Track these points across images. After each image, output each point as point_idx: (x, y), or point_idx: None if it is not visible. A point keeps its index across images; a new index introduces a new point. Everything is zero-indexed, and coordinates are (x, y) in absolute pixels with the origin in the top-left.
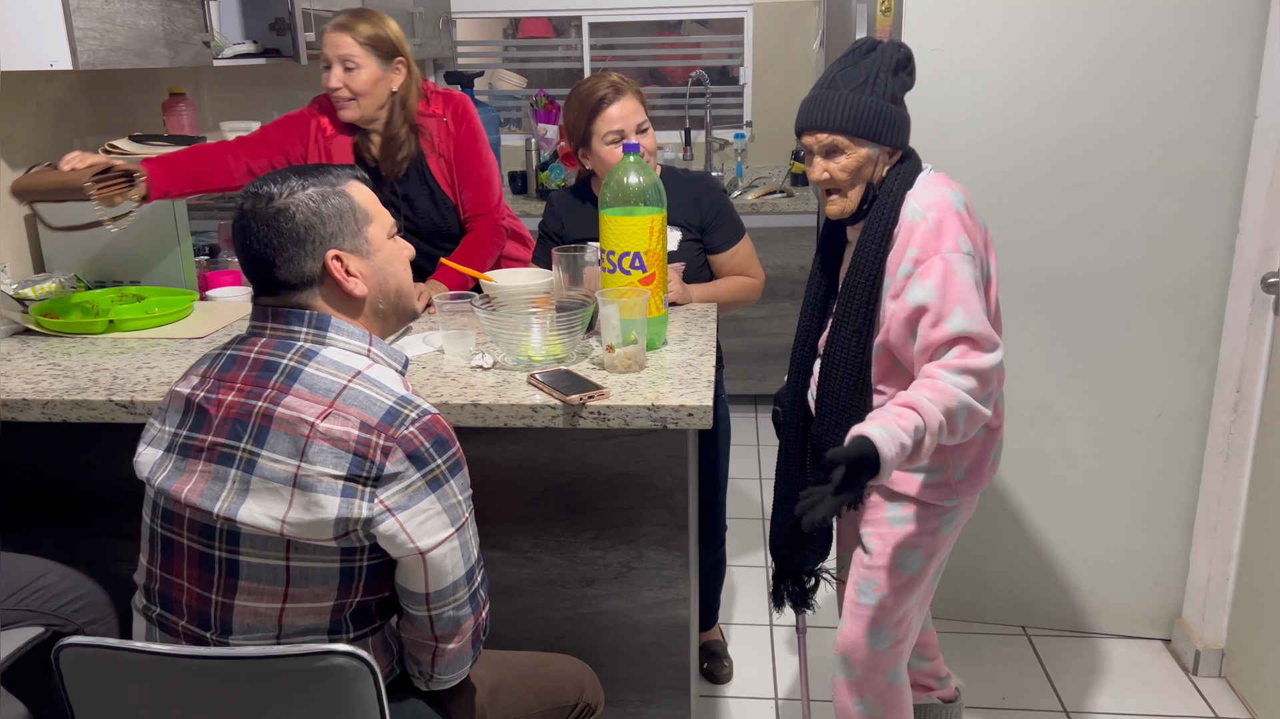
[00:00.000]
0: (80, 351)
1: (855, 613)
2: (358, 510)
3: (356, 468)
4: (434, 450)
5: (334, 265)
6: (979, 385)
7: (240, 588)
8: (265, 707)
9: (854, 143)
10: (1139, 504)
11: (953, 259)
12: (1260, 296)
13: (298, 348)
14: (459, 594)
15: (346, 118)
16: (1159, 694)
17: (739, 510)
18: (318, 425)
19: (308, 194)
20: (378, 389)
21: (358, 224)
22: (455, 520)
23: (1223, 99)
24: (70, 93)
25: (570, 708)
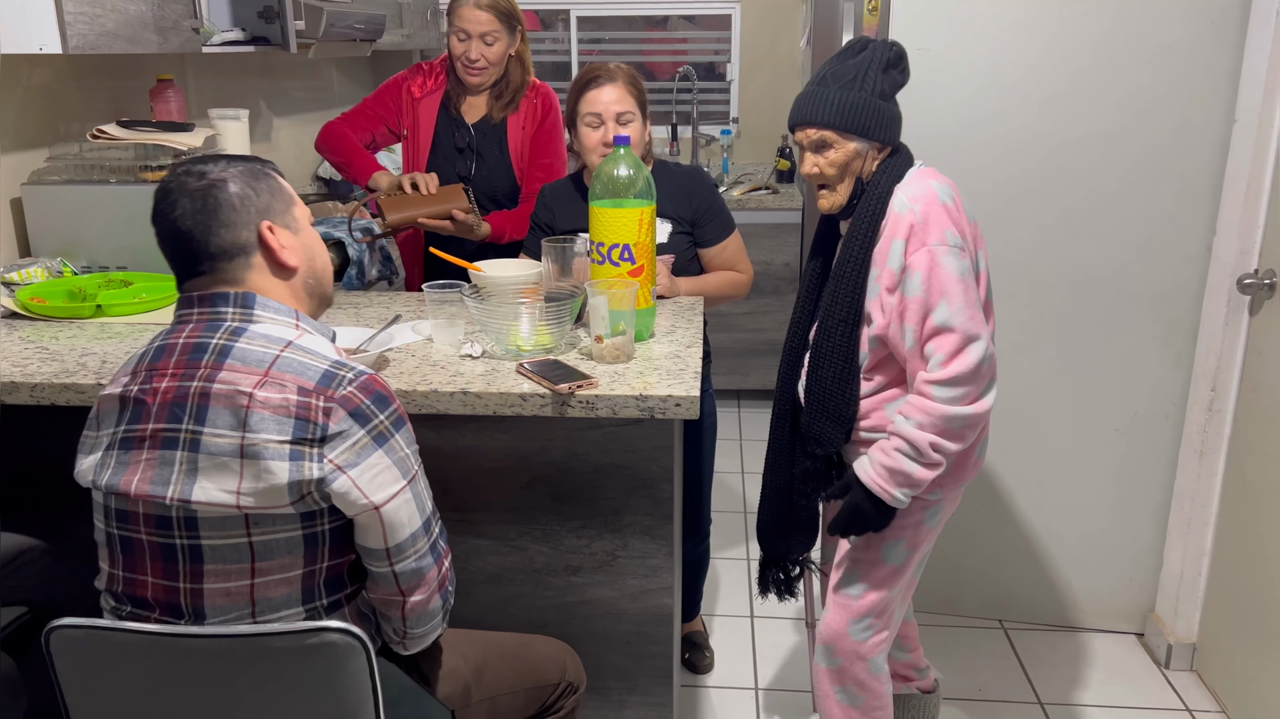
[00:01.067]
0: (68, 336)
1: (839, 603)
2: (308, 472)
3: (301, 431)
4: (375, 407)
5: (268, 234)
6: (971, 388)
7: (207, 572)
8: (258, 685)
9: (842, 138)
10: (1115, 501)
11: (939, 252)
12: (1236, 297)
13: (226, 327)
14: (419, 545)
15: (477, 83)
16: (1132, 687)
17: (722, 504)
18: (255, 395)
19: (238, 170)
20: (311, 355)
21: (286, 204)
22: (406, 473)
23: (1203, 103)
24: (58, 78)
25: (553, 687)
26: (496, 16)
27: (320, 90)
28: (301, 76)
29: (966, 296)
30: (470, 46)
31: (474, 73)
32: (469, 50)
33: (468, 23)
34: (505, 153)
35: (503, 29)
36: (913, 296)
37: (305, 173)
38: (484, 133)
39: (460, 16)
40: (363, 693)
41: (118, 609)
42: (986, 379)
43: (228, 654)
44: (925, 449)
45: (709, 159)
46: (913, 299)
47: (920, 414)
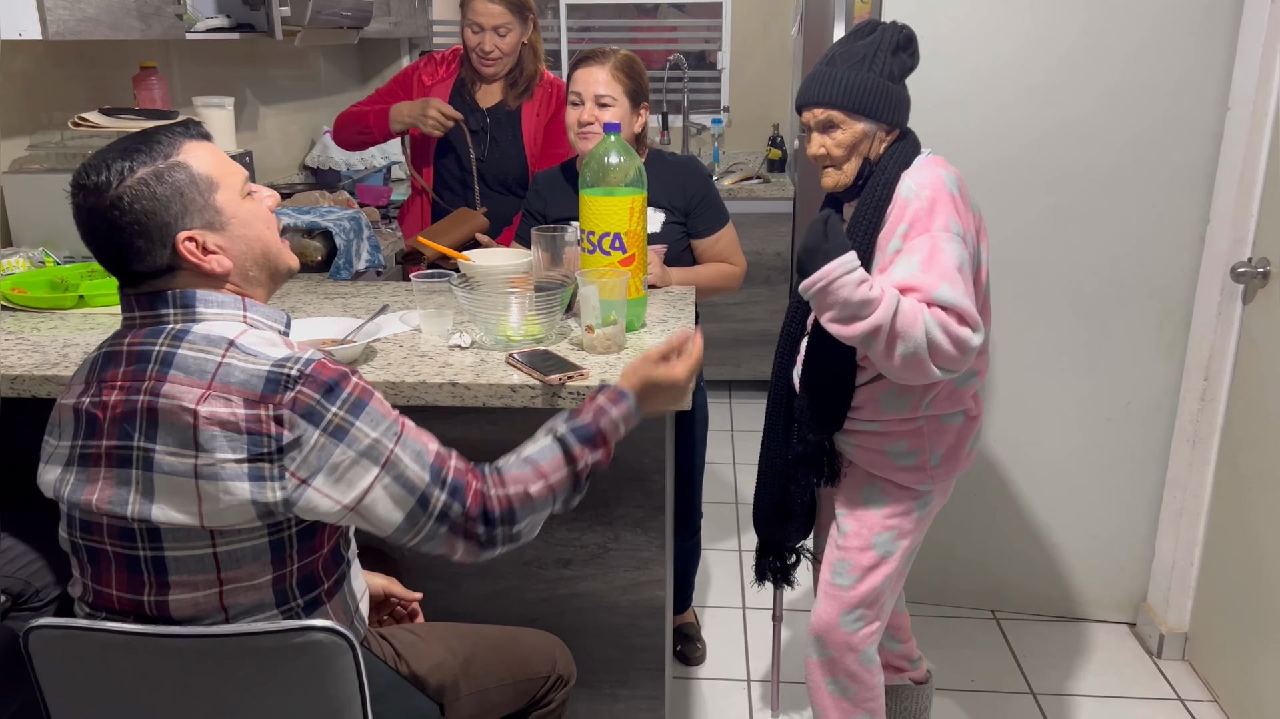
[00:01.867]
0: (49, 327)
1: (829, 593)
2: (271, 492)
3: (256, 446)
4: (325, 400)
5: (187, 249)
6: (951, 347)
7: (172, 583)
8: (243, 684)
9: (850, 118)
10: (1107, 491)
11: (940, 237)
12: (1229, 286)
13: (168, 331)
14: (420, 523)
15: (491, 73)
16: (1124, 677)
17: (713, 495)
18: (200, 411)
19: (138, 178)
20: (252, 358)
21: (203, 196)
22: (378, 458)
23: (1196, 92)
24: (39, 65)
25: (543, 679)
26: (508, 8)
27: (307, 79)
28: (288, 65)
29: (965, 285)
30: (484, 38)
31: (488, 63)
32: (483, 42)
33: (481, 15)
34: (519, 139)
35: (515, 20)
36: (907, 279)
37: (292, 162)
38: (498, 118)
39: (474, 10)
40: (349, 690)
41: (92, 616)
42: (962, 359)
43: (211, 654)
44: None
45: (700, 148)
46: (905, 282)
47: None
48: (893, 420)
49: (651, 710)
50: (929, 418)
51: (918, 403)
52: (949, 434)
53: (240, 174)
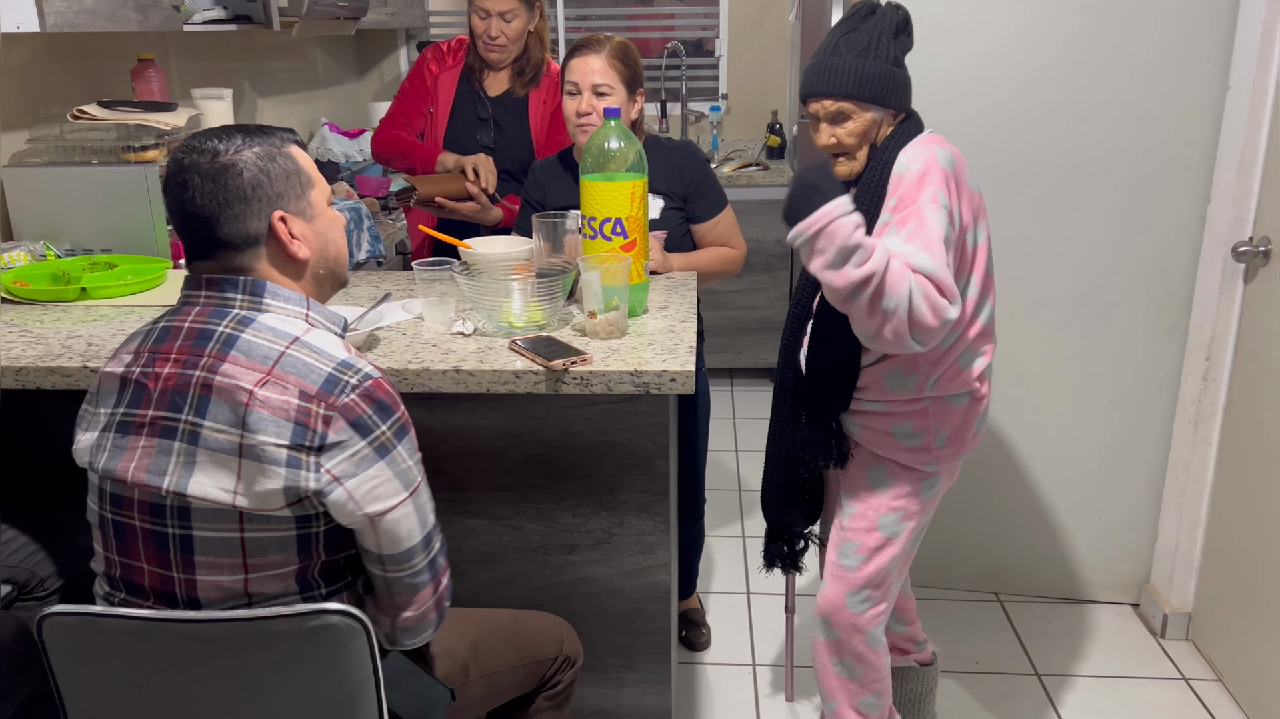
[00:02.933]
0: (53, 319)
1: (835, 575)
2: (304, 481)
3: (299, 437)
4: (377, 417)
5: (279, 226)
6: (929, 314)
7: (198, 563)
8: (258, 669)
9: (860, 108)
10: (1110, 472)
11: (926, 209)
12: (1230, 266)
13: (233, 315)
14: (415, 561)
15: (497, 59)
16: (1128, 657)
17: (717, 482)
18: (256, 393)
19: (254, 152)
20: (316, 355)
21: (302, 187)
22: (408, 485)
23: (1195, 70)
24: (37, 59)
25: (550, 661)
26: None
27: (304, 71)
28: (285, 57)
29: (944, 257)
30: (490, 24)
31: (494, 49)
32: (489, 28)
33: (488, 2)
34: (526, 127)
35: (521, 6)
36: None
37: None
38: (505, 106)
39: None
40: (364, 674)
41: (110, 595)
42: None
43: (226, 639)
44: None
45: (698, 136)
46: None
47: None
48: (898, 401)
49: (658, 694)
50: (934, 399)
51: (923, 383)
52: (954, 415)
53: (327, 186)
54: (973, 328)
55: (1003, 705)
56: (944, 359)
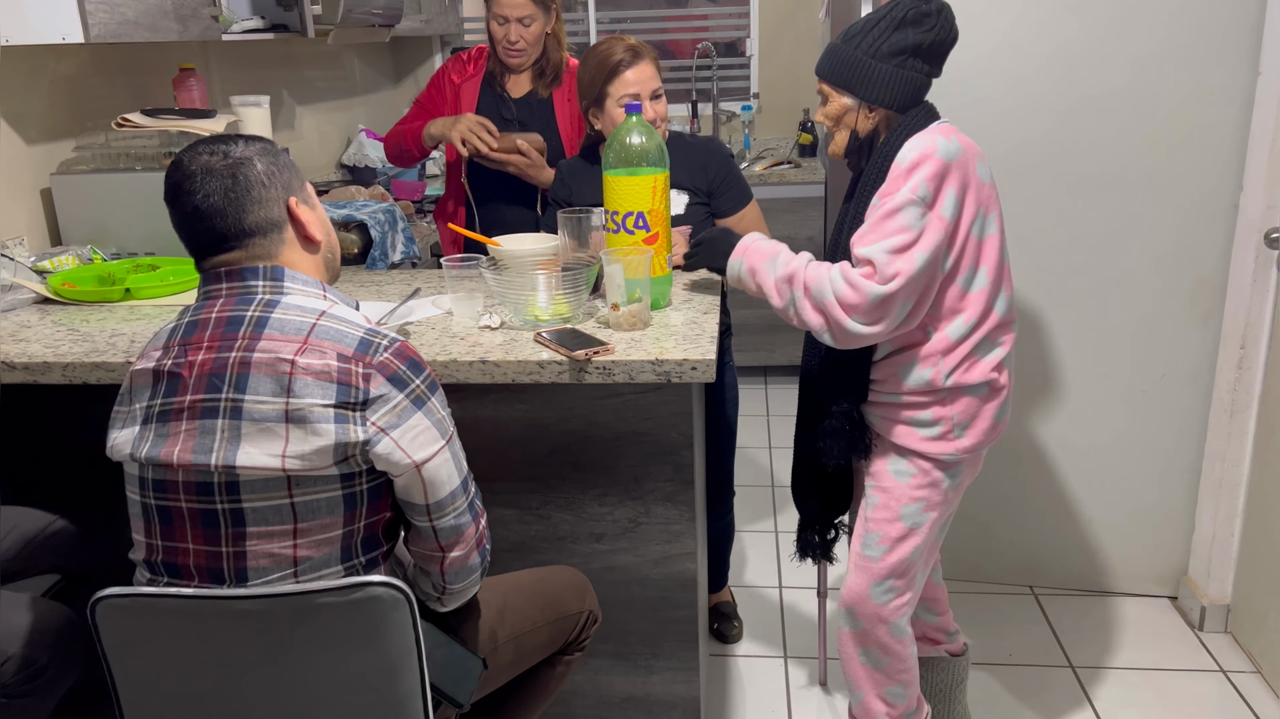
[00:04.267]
0: (98, 318)
1: (859, 565)
2: (354, 434)
3: (344, 395)
4: (410, 372)
5: (297, 209)
6: (855, 300)
7: (249, 534)
8: (304, 642)
9: (835, 91)
10: (1145, 463)
11: (904, 199)
12: (1264, 253)
13: (259, 300)
14: (458, 503)
15: (518, 64)
16: (1165, 650)
17: (750, 478)
18: (297, 361)
19: (257, 149)
20: (346, 323)
21: (300, 180)
22: (444, 433)
23: (1225, 56)
24: (82, 70)
25: (575, 616)
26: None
27: (342, 79)
28: (323, 65)
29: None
30: (509, 30)
31: (514, 54)
32: (508, 33)
33: (505, 8)
34: (553, 126)
35: (538, 10)
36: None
37: (329, 160)
38: (530, 107)
39: (498, 2)
40: (406, 644)
41: (154, 580)
42: (870, 317)
43: (273, 614)
44: (786, 274)
45: (730, 135)
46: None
47: (813, 265)
48: (914, 392)
49: (686, 682)
50: (951, 389)
51: (938, 375)
52: (973, 406)
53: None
54: (988, 320)
55: (1036, 698)
56: (957, 350)
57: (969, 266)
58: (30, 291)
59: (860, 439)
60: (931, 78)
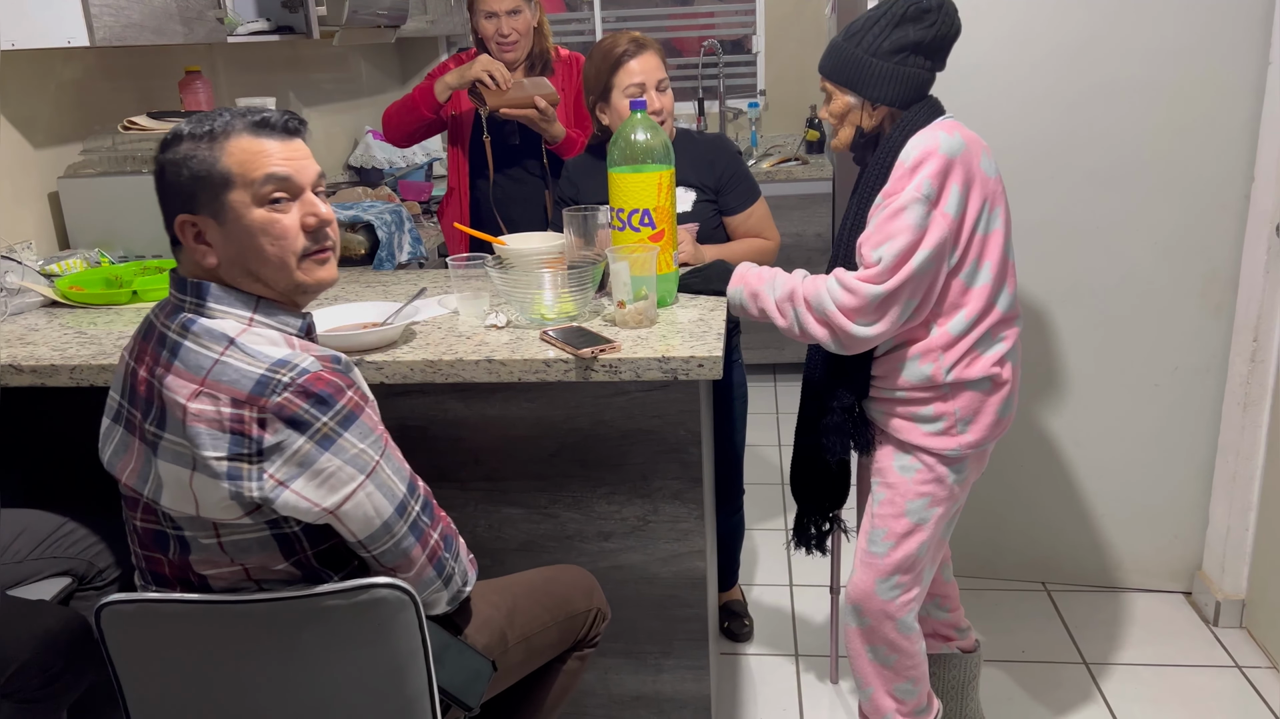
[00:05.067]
0: (106, 321)
1: (865, 561)
2: (249, 491)
3: (236, 446)
4: (315, 410)
5: (180, 230)
6: (854, 303)
7: (193, 562)
8: (310, 645)
9: (837, 89)
10: (1157, 457)
11: (909, 198)
12: (1275, 244)
13: (180, 318)
14: (394, 531)
15: (512, 59)
16: (1180, 646)
17: (760, 476)
18: (189, 408)
19: (180, 151)
20: (249, 359)
21: (216, 189)
22: (363, 468)
23: (1235, 46)
24: (89, 74)
25: (583, 615)
26: None
27: (348, 81)
28: (329, 67)
29: (906, 247)
30: (500, 24)
31: (508, 48)
32: (499, 27)
33: (492, 3)
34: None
35: (523, 1)
36: (868, 229)
37: (336, 162)
38: None
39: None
40: (413, 645)
41: (145, 587)
42: (874, 317)
43: (277, 617)
44: (786, 293)
45: (737, 132)
46: (867, 230)
47: (810, 279)
48: (916, 388)
49: (696, 681)
50: (953, 385)
51: (939, 370)
52: (975, 401)
53: (274, 184)
54: (989, 315)
55: (1049, 694)
56: (958, 345)
57: (972, 262)
58: (38, 295)
59: (862, 434)
60: (934, 73)
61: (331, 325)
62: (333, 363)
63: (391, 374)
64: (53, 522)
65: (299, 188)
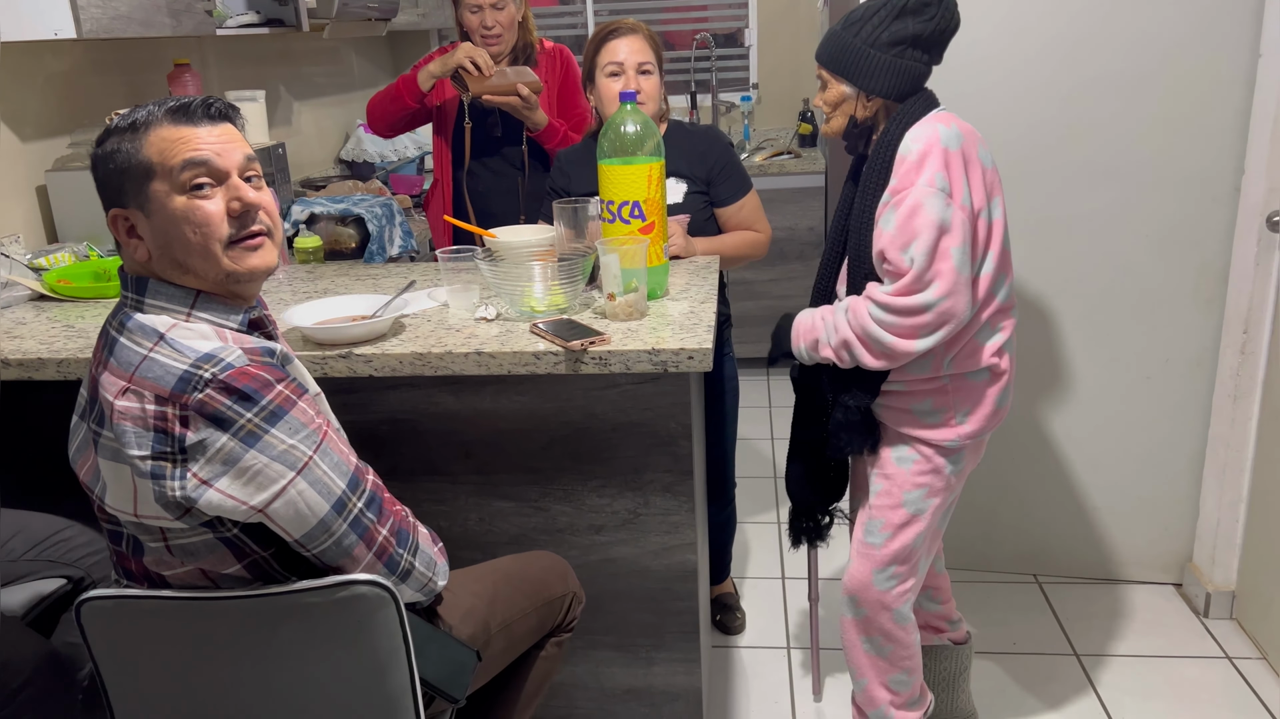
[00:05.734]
0: (94, 314)
1: (862, 552)
2: (171, 490)
3: (160, 444)
4: (239, 407)
5: (113, 225)
6: (904, 323)
7: (147, 563)
8: (290, 641)
9: (833, 78)
10: (1148, 450)
11: (924, 193)
12: (1266, 236)
13: (120, 315)
14: (333, 529)
15: (498, 51)
16: (1170, 638)
17: (752, 470)
18: (116, 405)
19: (108, 146)
20: (176, 354)
21: (138, 182)
22: (293, 465)
23: (1226, 38)
24: (77, 66)
25: (559, 599)
26: None
27: (339, 74)
28: (320, 61)
29: (937, 243)
30: (484, 16)
31: (492, 41)
32: (483, 19)
33: None
34: None
35: None
36: (888, 231)
37: (328, 156)
38: None
39: None
40: (394, 642)
41: (118, 582)
42: (927, 327)
43: (258, 614)
44: (839, 343)
45: (730, 126)
46: (887, 233)
47: (853, 315)
48: (916, 380)
49: (688, 674)
50: (952, 376)
51: (939, 363)
52: (974, 392)
53: (193, 170)
54: (989, 305)
55: (1041, 686)
56: (959, 338)
57: (977, 254)
58: (26, 289)
59: (872, 435)
60: (931, 66)
61: (320, 318)
62: (264, 355)
63: (381, 367)
64: (53, 524)
65: (222, 172)
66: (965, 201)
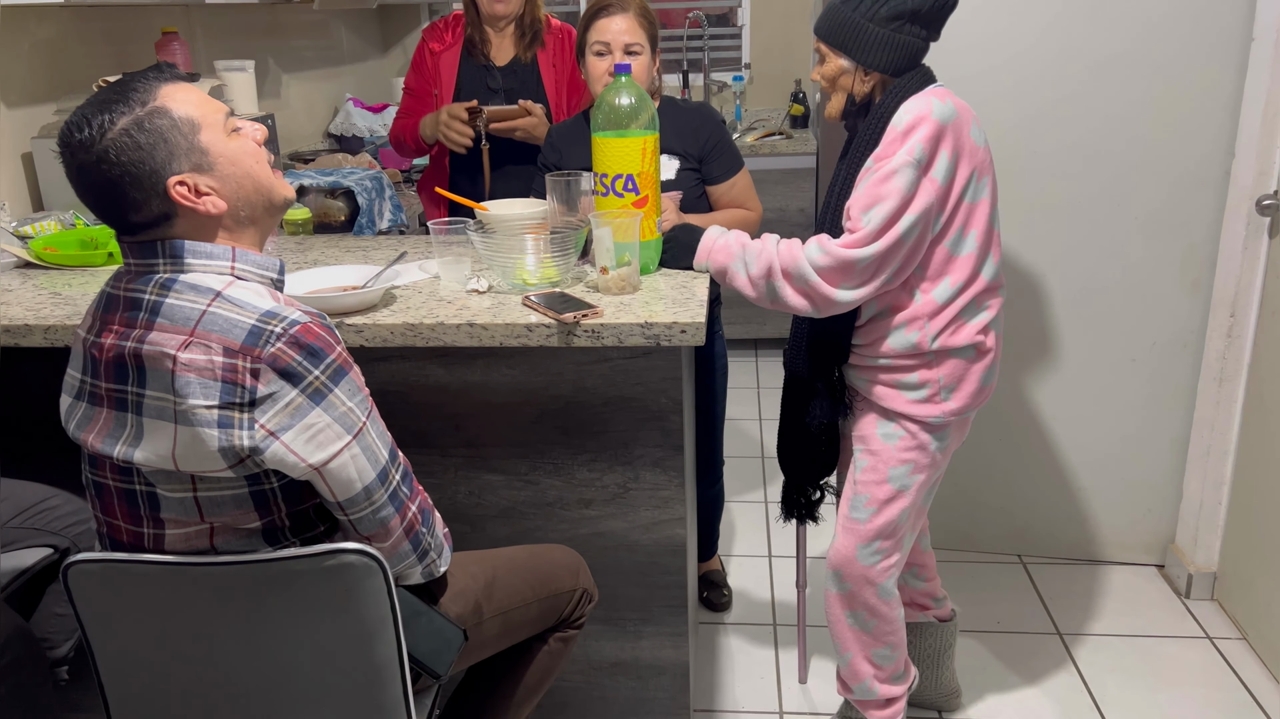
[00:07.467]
0: (80, 282)
1: (847, 527)
2: (238, 439)
3: (228, 395)
4: (307, 363)
5: (179, 193)
6: (838, 274)
7: (164, 519)
8: (277, 609)
9: (831, 52)
10: (1133, 432)
11: (901, 162)
12: (1255, 220)
13: (156, 280)
14: (374, 498)
15: (504, 12)
16: (1152, 618)
17: (739, 450)
18: (179, 357)
19: (120, 129)
20: (238, 309)
21: (187, 139)
22: (350, 428)
23: (1218, 20)
24: (63, 33)
25: (567, 594)
26: None
27: (329, 48)
28: (309, 33)
29: (896, 212)
30: None
31: (501, 1)
32: None
33: None
34: (540, 93)
35: None
36: (858, 191)
37: (317, 129)
38: (516, 74)
39: None
40: (381, 612)
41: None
42: (851, 279)
43: (245, 580)
44: (762, 268)
45: (721, 105)
46: (857, 193)
47: (787, 248)
48: (900, 355)
49: (675, 648)
50: (937, 353)
51: (925, 338)
52: (959, 369)
53: (221, 110)
54: (975, 283)
55: (1024, 664)
56: (944, 313)
57: (957, 230)
58: (12, 256)
59: (840, 400)
60: (929, 42)
61: (311, 288)
62: (319, 317)
63: (372, 337)
64: (40, 493)
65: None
66: (938, 176)
